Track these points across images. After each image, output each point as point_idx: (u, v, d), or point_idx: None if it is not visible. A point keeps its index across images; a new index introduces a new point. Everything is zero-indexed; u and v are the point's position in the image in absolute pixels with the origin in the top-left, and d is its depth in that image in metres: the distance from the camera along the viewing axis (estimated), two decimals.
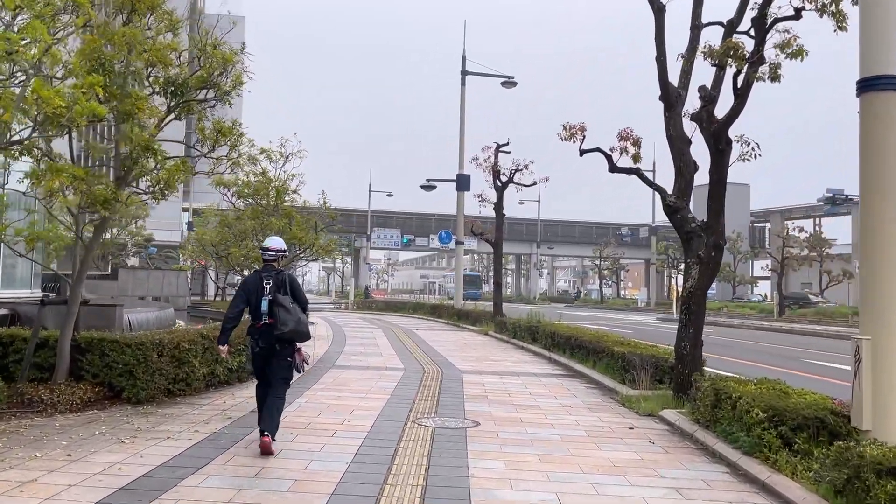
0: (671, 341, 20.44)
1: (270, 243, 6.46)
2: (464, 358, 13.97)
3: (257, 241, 12.59)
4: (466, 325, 23.61)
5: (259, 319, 6.02)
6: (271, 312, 5.95)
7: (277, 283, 6.08)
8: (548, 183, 21.63)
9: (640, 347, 10.86)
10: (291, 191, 17.06)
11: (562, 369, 12.65)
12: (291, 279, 6.27)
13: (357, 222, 68.23)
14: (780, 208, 66.11)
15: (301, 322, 6.02)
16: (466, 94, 28.70)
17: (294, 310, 5.99)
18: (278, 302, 5.94)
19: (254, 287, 6.13)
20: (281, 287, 6.07)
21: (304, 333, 6.09)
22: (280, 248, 6.47)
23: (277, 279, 6.12)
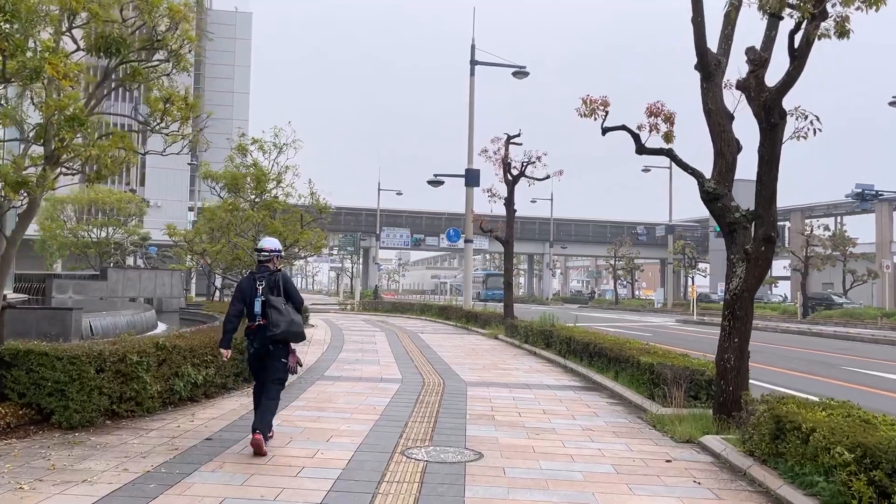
0: (697, 346, 18.99)
1: (264, 244, 6.45)
2: (470, 366, 12.63)
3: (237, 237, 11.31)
4: (475, 328, 22.26)
5: (253, 320, 6.07)
6: (264, 313, 5.99)
7: (270, 284, 6.08)
8: (561, 177, 20.23)
9: (671, 357, 9.47)
10: (286, 185, 15.84)
11: (579, 380, 11.28)
12: (285, 279, 6.23)
13: (366, 221, 67.10)
14: (800, 206, 64.19)
15: (294, 323, 6.00)
16: (476, 85, 27.37)
17: (287, 311, 6.00)
18: (271, 303, 5.96)
19: (248, 288, 6.17)
20: (274, 288, 6.07)
21: (296, 334, 6.06)
22: (274, 249, 6.38)
23: (271, 280, 6.12)
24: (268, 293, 6.02)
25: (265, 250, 6.32)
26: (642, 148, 8.11)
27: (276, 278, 6.15)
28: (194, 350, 7.77)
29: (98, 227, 28.51)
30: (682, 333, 24.21)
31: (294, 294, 6.22)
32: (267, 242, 6.50)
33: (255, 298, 6.07)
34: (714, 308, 42.38)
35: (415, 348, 15.61)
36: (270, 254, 6.30)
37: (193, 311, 19.05)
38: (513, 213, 20.74)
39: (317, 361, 12.42)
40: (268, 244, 6.43)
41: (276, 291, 6.06)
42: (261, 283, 6.11)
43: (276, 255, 6.38)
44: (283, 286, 6.12)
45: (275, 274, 6.19)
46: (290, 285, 6.23)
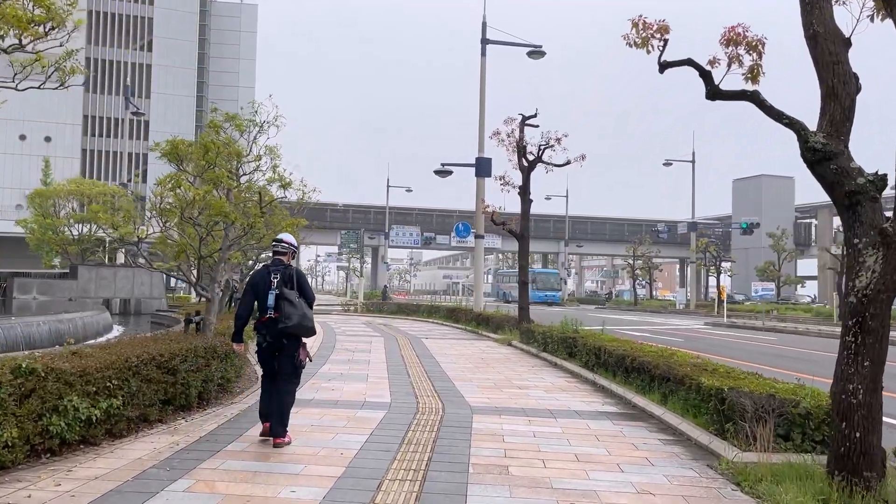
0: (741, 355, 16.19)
1: (284, 236, 6.50)
2: (479, 383, 10.34)
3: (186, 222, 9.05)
4: (486, 333, 19.95)
5: (265, 313, 6.08)
6: (277, 306, 6.00)
7: (285, 278, 6.12)
8: (584, 162, 17.88)
9: (743, 379, 7.12)
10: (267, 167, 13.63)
11: (615, 403, 8.96)
12: (299, 274, 6.28)
13: (375, 220, 65.08)
14: (827, 202, 61.29)
15: (306, 317, 6.02)
16: (487, 66, 25.08)
17: (300, 304, 6.02)
18: (284, 296, 5.98)
19: (261, 281, 6.19)
20: (288, 282, 6.10)
21: (308, 328, 6.10)
22: (292, 243, 6.45)
23: (285, 274, 6.15)
24: (282, 286, 6.03)
25: (284, 242, 6.34)
26: (716, 91, 5.77)
27: (290, 272, 6.17)
28: (88, 374, 5.54)
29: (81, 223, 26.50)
30: (718, 339, 21.77)
31: (307, 289, 6.25)
32: (286, 236, 6.51)
33: (269, 291, 6.08)
34: (741, 310, 39.82)
35: (415, 358, 13.33)
36: (289, 247, 6.34)
37: (163, 314, 16.89)
38: (528, 204, 18.40)
39: None
40: (287, 237, 6.44)
41: (289, 285, 6.07)
42: (275, 276, 6.12)
43: (292, 249, 6.39)
44: (296, 280, 6.15)
45: (289, 268, 6.21)
46: (303, 280, 6.26)
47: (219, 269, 8.88)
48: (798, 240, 60.98)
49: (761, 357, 15.91)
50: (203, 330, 8.56)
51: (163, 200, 8.82)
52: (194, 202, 8.35)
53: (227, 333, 8.78)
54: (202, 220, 8.38)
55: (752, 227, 44.68)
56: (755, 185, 61.39)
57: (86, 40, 60.94)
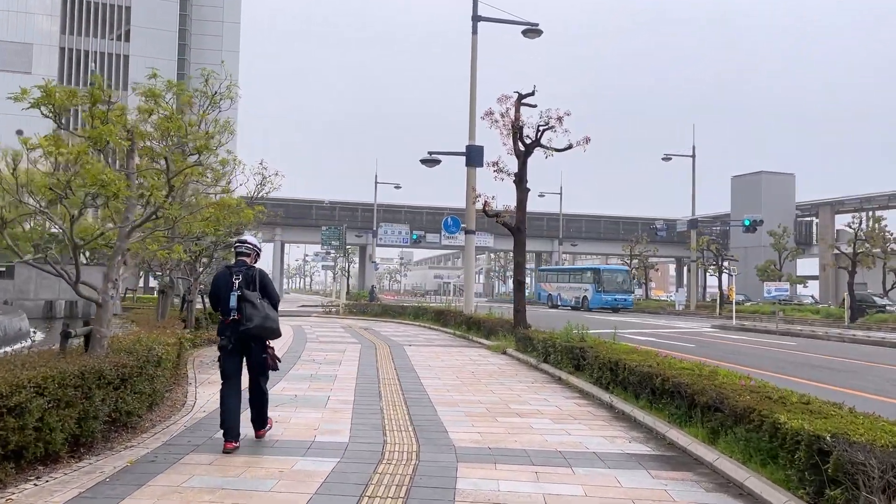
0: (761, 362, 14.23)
1: (247, 237, 6.42)
2: (467, 408, 8.22)
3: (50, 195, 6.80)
4: (478, 339, 17.82)
5: (227, 315, 5.98)
6: (239, 308, 5.89)
7: (247, 279, 6.02)
8: (587, 146, 15.74)
9: (843, 419, 5.02)
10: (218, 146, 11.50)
11: (645, 438, 6.85)
12: (262, 275, 6.15)
13: (362, 217, 62.90)
14: (829, 200, 59.63)
15: (269, 318, 5.92)
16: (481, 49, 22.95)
17: (262, 306, 5.92)
18: (246, 297, 5.89)
19: (224, 282, 6.08)
20: (251, 283, 6.02)
21: (271, 330, 5.99)
22: (255, 244, 6.33)
23: (248, 275, 6.05)
24: (244, 287, 5.94)
25: (248, 242, 6.26)
26: None
27: (252, 273, 6.08)
28: None
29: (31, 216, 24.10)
30: (732, 344, 19.72)
31: (271, 291, 6.14)
32: (249, 236, 6.46)
33: (230, 293, 5.97)
34: (744, 311, 37.80)
35: (392, 373, 11.19)
36: (252, 248, 6.24)
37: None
38: (525, 193, 16.29)
39: None
40: (250, 238, 6.37)
41: (252, 287, 5.98)
42: (237, 277, 6.02)
43: (255, 250, 6.26)
44: (259, 282, 6.04)
45: (251, 269, 6.12)
46: (266, 281, 6.14)
47: (113, 265, 6.75)
48: (798, 238, 59.16)
49: (792, 367, 13.87)
50: (92, 347, 6.40)
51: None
52: (63, 167, 6.17)
53: (135, 350, 6.62)
54: (73, 192, 6.19)
55: (755, 224, 42.64)
56: (755, 183, 59.51)
57: (60, 29, 58.50)
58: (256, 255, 6.30)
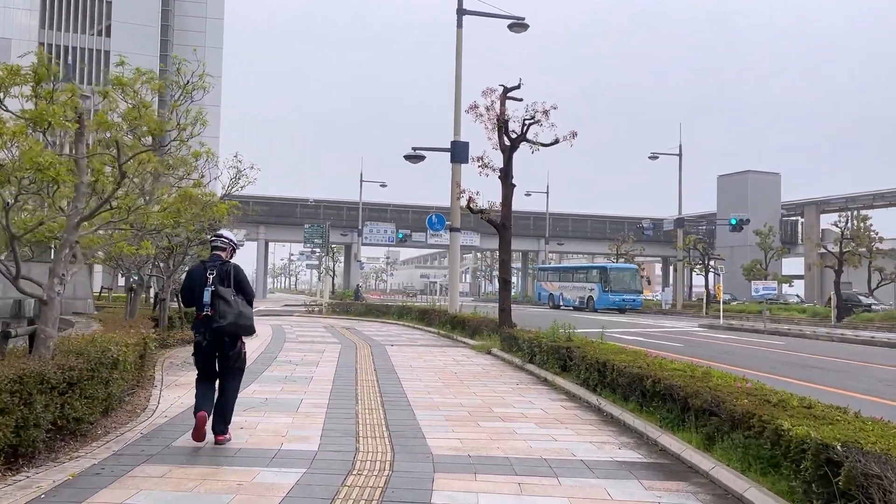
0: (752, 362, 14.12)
1: (224, 231, 6.38)
2: (448, 411, 7.78)
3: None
4: (462, 338, 17.39)
5: (201, 311, 5.85)
6: (213, 304, 5.77)
7: (221, 275, 5.89)
8: (575, 140, 15.36)
9: (850, 425, 4.64)
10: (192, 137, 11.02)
11: (635, 443, 6.44)
12: (237, 270, 6.02)
13: (348, 216, 62.35)
14: (814, 199, 59.72)
15: (242, 315, 5.78)
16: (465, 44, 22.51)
17: (236, 303, 5.79)
18: (219, 294, 5.77)
19: (198, 277, 5.93)
20: (225, 279, 5.88)
21: (245, 327, 5.85)
22: (232, 238, 6.25)
23: (222, 270, 5.93)
24: (217, 283, 5.82)
25: (223, 237, 6.17)
26: None
27: (227, 268, 5.95)
28: None
29: None
30: (722, 344, 19.41)
31: (246, 287, 6.03)
32: (226, 231, 6.40)
33: (204, 288, 5.83)
34: (731, 310, 37.61)
35: (371, 374, 10.73)
36: (228, 242, 6.13)
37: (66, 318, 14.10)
38: (511, 189, 15.88)
39: (190, 408, 7.49)
40: (226, 233, 6.30)
41: (226, 282, 5.87)
42: (211, 272, 5.89)
43: (231, 245, 6.16)
44: (234, 277, 5.93)
45: (226, 264, 5.99)
46: (241, 277, 6.02)
47: (60, 259, 6.24)
48: (784, 238, 59.18)
49: (783, 367, 13.54)
50: (36, 348, 5.89)
51: None
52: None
53: (86, 352, 6.11)
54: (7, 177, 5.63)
55: (741, 223, 42.55)
56: (741, 182, 59.49)
57: (39, 24, 57.46)
58: (233, 250, 6.21)
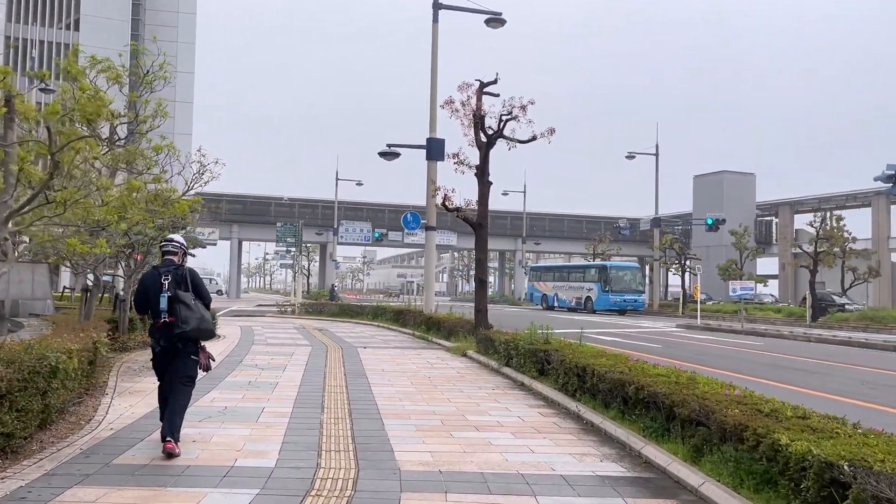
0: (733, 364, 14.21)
1: (174, 236, 6.23)
2: (419, 420, 7.32)
3: None
4: (437, 340, 16.95)
5: (158, 318, 5.73)
6: (171, 310, 5.68)
7: (177, 279, 5.80)
8: (552, 137, 14.98)
9: (851, 440, 4.27)
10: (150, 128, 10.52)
11: (618, 455, 6.04)
12: (193, 274, 5.93)
13: (323, 215, 61.59)
14: (788, 200, 60.17)
15: (204, 320, 5.74)
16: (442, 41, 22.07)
17: (196, 307, 5.72)
18: (179, 299, 5.67)
19: (152, 283, 5.81)
20: (182, 283, 5.79)
21: (207, 331, 5.82)
22: (183, 242, 6.11)
23: (177, 274, 5.83)
24: (175, 288, 5.72)
25: (175, 241, 6.04)
26: None
27: (182, 273, 5.86)
28: None
29: None
30: (700, 345, 19.19)
31: (203, 290, 5.92)
32: (176, 235, 6.27)
33: (160, 294, 5.71)
34: (707, 310, 37.56)
35: (340, 379, 10.23)
36: (180, 246, 6.01)
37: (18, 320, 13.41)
38: (487, 187, 15.46)
39: (141, 419, 6.95)
40: (177, 237, 6.16)
41: (183, 287, 5.77)
42: (166, 277, 5.78)
43: (183, 249, 6.04)
44: (190, 281, 5.83)
45: (181, 268, 5.90)
46: (198, 280, 5.93)
47: None
48: (758, 238, 59.54)
49: (764, 369, 13.28)
50: None
51: None
52: None
53: (18, 360, 5.55)
54: None
55: (717, 223, 42.58)
56: (717, 182, 59.71)
57: (6, 17, 55.94)
58: (184, 253, 6.11)
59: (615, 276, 40.04)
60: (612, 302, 39.20)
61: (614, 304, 39.17)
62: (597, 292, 40.29)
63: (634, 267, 43.12)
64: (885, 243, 51.68)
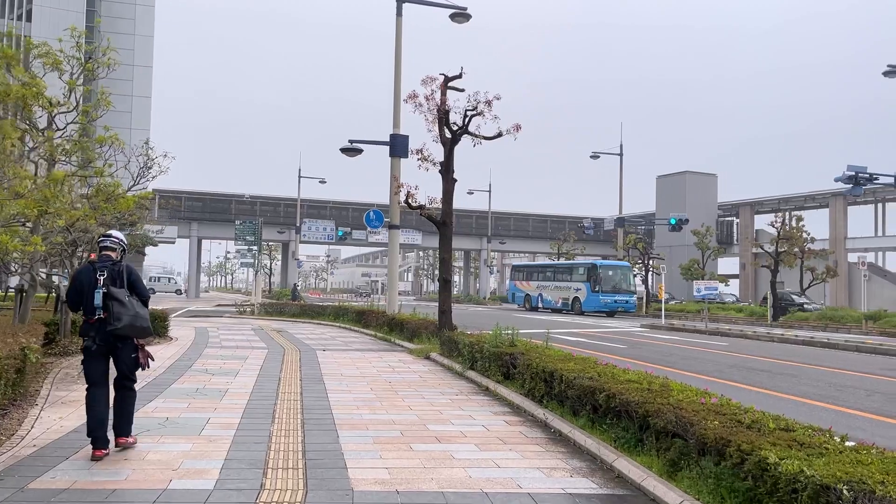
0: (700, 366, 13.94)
1: (113, 232, 6.11)
2: (378, 430, 6.84)
3: None
4: (400, 342, 16.46)
5: (92, 314, 5.59)
6: (105, 307, 5.53)
7: (113, 275, 5.65)
8: (518, 133, 14.59)
9: (843, 456, 3.93)
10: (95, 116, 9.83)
11: (589, 469, 5.64)
12: (129, 270, 5.80)
13: (285, 213, 60.56)
14: (748, 200, 60.99)
15: (139, 317, 5.59)
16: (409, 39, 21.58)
17: (131, 304, 5.58)
18: (112, 295, 5.54)
19: (86, 279, 5.65)
20: (117, 279, 5.64)
21: (142, 329, 5.65)
22: (122, 239, 6.01)
23: (113, 271, 5.68)
24: (109, 284, 5.57)
25: (113, 237, 5.93)
26: None
27: (119, 268, 5.71)
28: None
29: None
30: (665, 345, 19.03)
31: (140, 287, 5.82)
32: (115, 231, 6.17)
33: (95, 290, 5.57)
34: (670, 309, 37.75)
35: (296, 385, 9.68)
36: (118, 242, 5.88)
37: None
38: (452, 184, 15.02)
39: (70, 433, 6.34)
40: (116, 233, 6.05)
41: (118, 283, 5.63)
42: (101, 273, 5.63)
43: (122, 245, 5.92)
44: (126, 278, 5.68)
45: (117, 264, 5.75)
46: (135, 277, 5.81)
47: None
48: (720, 238, 60.24)
49: (732, 371, 13.10)
50: None
51: None
52: None
53: None
54: None
55: (680, 223, 42.83)
56: (679, 182, 60.22)
57: None
58: (123, 250, 5.98)
59: (605, 276, 38.34)
60: (603, 303, 37.56)
61: (604, 306, 37.62)
62: (585, 292, 38.60)
63: (625, 266, 40.96)
64: (842, 244, 52.66)
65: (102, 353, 5.64)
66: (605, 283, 38.00)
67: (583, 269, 40.31)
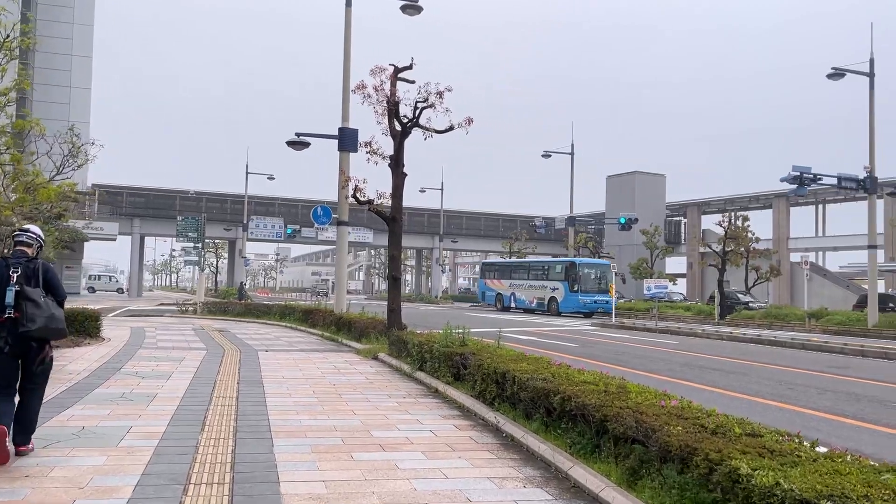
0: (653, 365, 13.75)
1: (31, 226, 5.78)
2: (316, 440, 6.33)
3: None
4: (347, 342, 15.90)
5: (3, 313, 5.21)
6: (17, 306, 5.21)
7: (28, 273, 5.34)
8: (471, 127, 14.21)
9: (818, 466, 3.61)
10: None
11: (542, 477, 5.26)
12: (46, 268, 5.49)
13: (232, 210, 59.06)
14: (696, 201, 62.08)
15: (54, 318, 5.31)
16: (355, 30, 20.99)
17: (46, 304, 5.29)
18: (26, 295, 5.21)
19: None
20: (32, 278, 5.34)
21: (57, 331, 5.36)
22: (40, 234, 5.68)
23: (28, 268, 5.38)
24: (23, 283, 5.25)
25: (30, 232, 5.61)
26: None
27: (34, 266, 5.40)
28: None
29: None
30: (617, 343, 18.91)
31: (56, 286, 5.50)
32: (33, 226, 5.80)
33: (7, 287, 5.22)
34: (620, 308, 37.96)
35: (232, 388, 9.07)
36: (35, 238, 5.56)
37: None
38: (402, 178, 14.54)
39: None
40: (34, 228, 5.72)
41: (33, 282, 5.32)
42: (15, 270, 5.30)
43: (38, 241, 5.61)
44: (42, 276, 5.39)
45: (33, 261, 5.44)
46: (51, 275, 5.49)
47: None
48: (668, 237, 61.15)
49: (685, 370, 12.96)
50: None
51: None
52: None
53: None
54: None
55: (630, 222, 43.28)
56: (629, 182, 60.91)
57: None
58: (39, 246, 5.65)
59: (585, 274, 36.30)
60: (582, 303, 35.62)
61: (584, 306, 35.68)
62: (563, 292, 36.60)
63: (606, 264, 38.07)
64: (785, 243, 53.99)
65: (13, 355, 5.30)
66: (585, 283, 36.22)
67: (560, 267, 38.23)
